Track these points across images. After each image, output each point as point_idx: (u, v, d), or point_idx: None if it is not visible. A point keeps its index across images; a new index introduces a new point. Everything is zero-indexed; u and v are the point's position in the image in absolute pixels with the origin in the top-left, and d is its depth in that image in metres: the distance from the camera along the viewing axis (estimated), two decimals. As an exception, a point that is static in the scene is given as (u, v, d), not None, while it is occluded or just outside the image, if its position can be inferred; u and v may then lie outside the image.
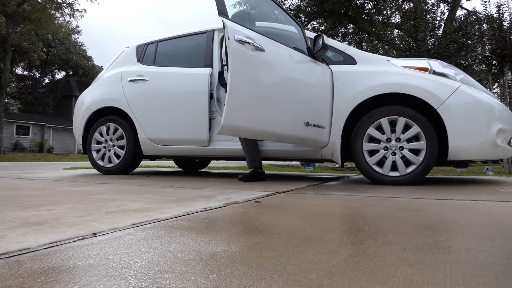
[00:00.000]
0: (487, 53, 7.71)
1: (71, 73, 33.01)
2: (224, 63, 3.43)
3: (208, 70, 3.54)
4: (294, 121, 2.81)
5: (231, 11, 2.72)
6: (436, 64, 2.98)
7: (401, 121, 2.84)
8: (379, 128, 2.91)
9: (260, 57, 2.60)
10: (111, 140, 3.98)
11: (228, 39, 2.44)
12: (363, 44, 17.13)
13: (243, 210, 1.58)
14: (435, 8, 14.53)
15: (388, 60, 3.08)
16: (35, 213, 1.43)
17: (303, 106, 2.88)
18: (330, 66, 3.13)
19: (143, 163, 7.48)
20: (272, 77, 2.70)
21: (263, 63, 2.63)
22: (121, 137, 3.93)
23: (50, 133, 28.50)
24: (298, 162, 10.45)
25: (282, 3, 15.50)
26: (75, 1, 21.81)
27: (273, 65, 2.71)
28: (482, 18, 10.28)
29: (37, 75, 33.44)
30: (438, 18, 12.87)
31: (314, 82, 3.00)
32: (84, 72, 32.35)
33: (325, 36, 3.00)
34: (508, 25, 7.37)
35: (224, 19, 2.51)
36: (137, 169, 5.33)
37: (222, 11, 2.54)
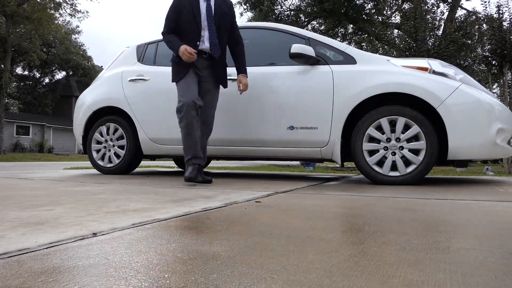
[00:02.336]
0: (487, 53, 7.71)
1: (71, 73, 33.01)
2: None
3: (208, 70, 3.55)
4: (276, 125, 3.20)
5: None
6: (436, 64, 2.98)
7: (401, 121, 2.84)
8: (379, 128, 2.92)
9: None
10: (111, 140, 3.98)
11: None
12: (363, 44, 17.13)
13: (243, 210, 1.58)
14: (435, 8, 14.54)
15: (388, 60, 3.08)
16: (35, 213, 1.43)
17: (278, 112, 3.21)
18: (330, 65, 3.13)
19: (143, 163, 7.48)
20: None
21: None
22: (121, 137, 3.93)
23: (50, 133, 28.51)
24: (298, 162, 10.45)
25: (282, 3, 15.51)
26: (75, 1, 21.80)
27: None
28: (482, 18, 10.28)
29: (37, 75, 33.45)
30: (438, 18, 12.88)
31: (297, 87, 3.14)
32: (84, 72, 32.35)
33: (294, 45, 3.01)
34: (508, 25, 7.37)
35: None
36: (137, 169, 5.33)
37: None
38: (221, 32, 2.91)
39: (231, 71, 3.17)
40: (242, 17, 16.60)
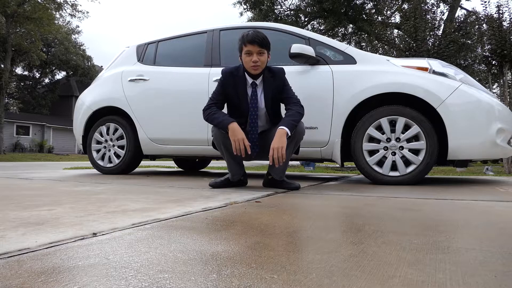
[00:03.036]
0: (487, 53, 7.70)
1: (71, 73, 33.00)
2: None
3: (208, 69, 3.55)
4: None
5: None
6: (435, 64, 2.98)
7: (401, 121, 2.84)
8: (379, 128, 2.92)
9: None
10: (111, 140, 3.98)
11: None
12: (362, 44, 17.13)
13: (243, 210, 1.58)
14: (435, 8, 14.53)
15: (388, 60, 3.08)
16: (35, 213, 1.43)
17: None
18: (330, 65, 3.13)
19: (143, 163, 7.47)
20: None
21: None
22: (121, 137, 3.93)
23: (50, 133, 28.52)
24: (298, 162, 10.45)
25: (282, 3, 15.50)
26: (75, 1, 21.80)
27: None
28: (482, 18, 10.29)
29: (37, 75, 33.45)
30: (438, 18, 12.87)
31: (297, 87, 3.11)
32: (83, 72, 32.34)
33: (294, 45, 3.00)
34: (508, 25, 7.37)
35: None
36: (137, 169, 5.33)
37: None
38: (270, 110, 2.60)
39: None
40: (242, 17, 16.61)
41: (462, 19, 14.16)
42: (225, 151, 2.50)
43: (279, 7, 15.40)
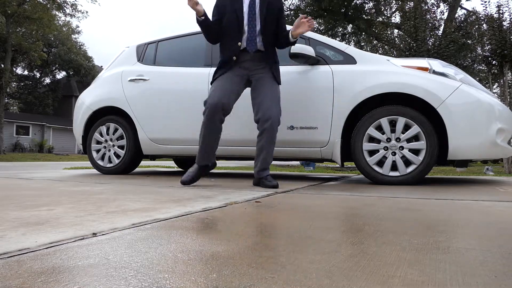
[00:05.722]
0: (487, 53, 7.71)
1: (71, 73, 33.01)
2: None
3: (208, 69, 3.55)
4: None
5: None
6: (436, 64, 2.98)
7: (401, 121, 2.84)
8: (379, 128, 2.92)
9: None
10: (111, 140, 3.98)
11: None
12: (362, 44, 17.13)
13: (243, 210, 1.58)
14: (435, 8, 14.53)
15: (388, 60, 3.08)
16: (35, 213, 1.43)
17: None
18: (330, 65, 3.13)
19: (143, 163, 7.48)
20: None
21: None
22: (121, 137, 3.93)
23: (50, 133, 28.52)
24: (298, 162, 10.45)
25: (282, 3, 15.50)
26: (75, 1, 21.82)
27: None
28: (482, 18, 10.29)
29: (38, 75, 33.45)
30: (438, 18, 12.88)
31: (297, 87, 3.15)
32: (85, 72, 32.36)
33: (294, 46, 3.00)
34: (508, 25, 7.37)
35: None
36: (137, 169, 5.33)
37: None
38: (267, 24, 2.69)
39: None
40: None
41: (462, 19, 14.16)
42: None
43: (279, 7, 15.38)
